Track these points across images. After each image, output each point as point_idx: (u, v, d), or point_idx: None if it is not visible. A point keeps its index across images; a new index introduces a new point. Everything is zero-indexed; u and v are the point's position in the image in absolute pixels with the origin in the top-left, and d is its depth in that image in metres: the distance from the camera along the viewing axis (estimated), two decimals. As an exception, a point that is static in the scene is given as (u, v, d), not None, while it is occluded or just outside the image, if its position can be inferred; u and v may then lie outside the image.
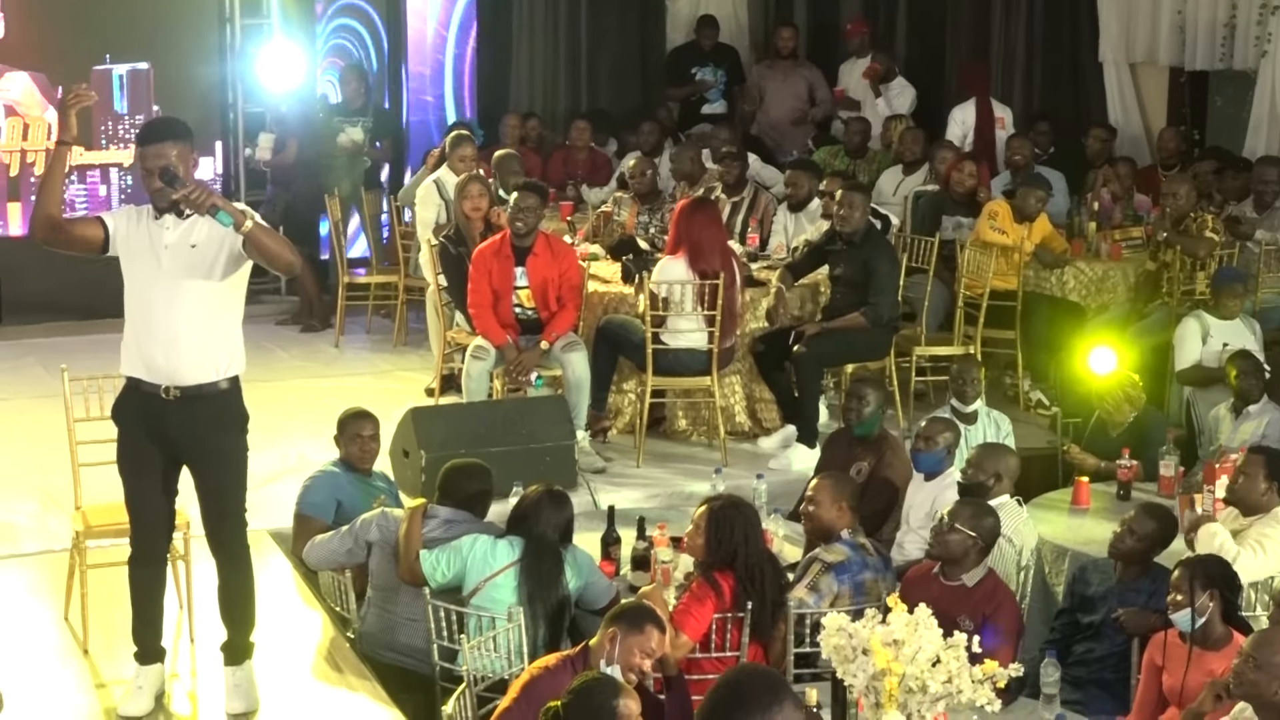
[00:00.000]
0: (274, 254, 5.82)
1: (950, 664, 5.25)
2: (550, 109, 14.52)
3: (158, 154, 5.82)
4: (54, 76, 12.58)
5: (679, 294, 8.96)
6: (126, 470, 6.18)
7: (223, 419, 6.11)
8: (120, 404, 6.18)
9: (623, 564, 7.17)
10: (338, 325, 12.04)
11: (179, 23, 12.91)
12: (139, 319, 5.99)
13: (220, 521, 6.21)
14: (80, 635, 6.78)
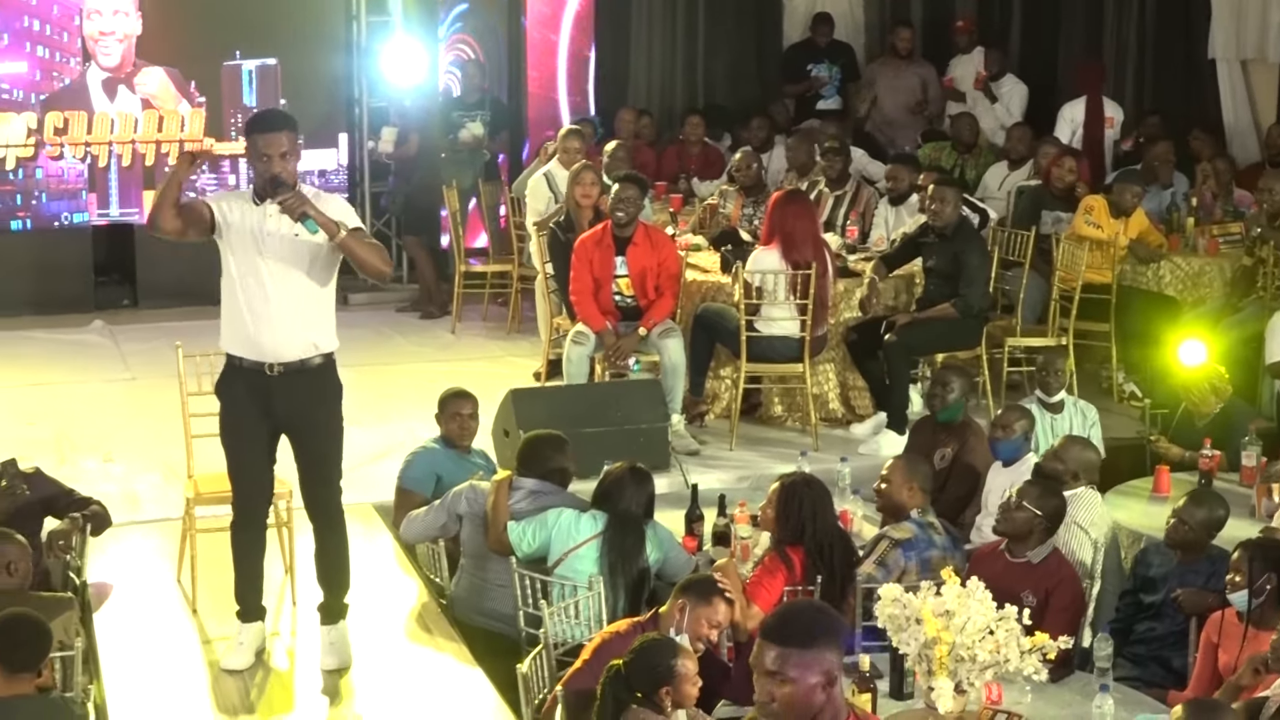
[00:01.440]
0: (363, 261, 6.28)
1: (999, 634, 5.51)
2: (667, 104, 14.84)
3: (270, 142, 6.19)
4: (187, 72, 13.23)
5: (772, 283, 9.25)
6: (229, 442, 6.57)
7: (322, 391, 6.52)
8: (223, 380, 6.57)
9: (705, 540, 7.45)
10: (454, 312, 12.46)
11: (306, 20, 13.41)
12: (241, 300, 6.34)
13: (319, 488, 6.63)
14: (190, 595, 7.22)
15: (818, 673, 3.99)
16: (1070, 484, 7.24)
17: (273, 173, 6.14)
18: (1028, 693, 5.62)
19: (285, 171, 6.18)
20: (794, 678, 3.98)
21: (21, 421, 9.66)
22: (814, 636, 4.04)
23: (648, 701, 5.26)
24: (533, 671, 5.80)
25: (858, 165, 12.18)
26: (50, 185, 13.12)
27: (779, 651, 4.01)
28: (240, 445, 6.56)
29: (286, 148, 6.20)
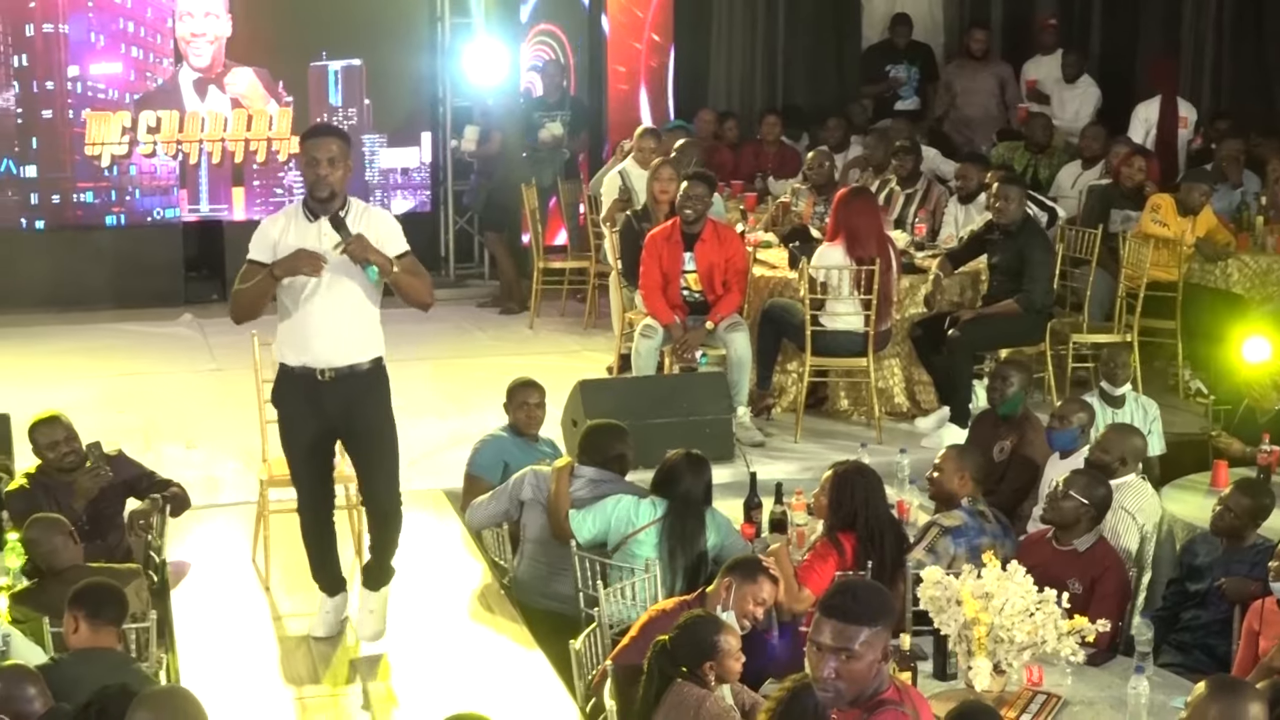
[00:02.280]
0: (409, 294, 6.56)
1: (1037, 617, 5.66)
2: (747, 105, 15.01)
3: (319, 146, 6.41)
4: (275, 71, 13.59)
5: (836, 278, 9.42)
6: (289, 445, 6.80)
7: (372, 394, 6.71)
8: (278, 388, 6.78)
9: (762, 527, 7.64)
10: (532, 308, 12.71)
11: (392, 21, 13.69)
12: (296, 312, 6.55)
13: (380, 488, 6.82)
14: (263, 574, 7.51)
15: (878, 650, 4.18)
16: (1119, 471, 7.37)
17: (319, 180, 6.36)
18: (1068, 675, 5.78)
19: (333, 181, 6.38)
20: (859, 653, 4.16)
21: (111, 409, 9.98)
22: (876, 614, 4.22)
23: (692, 676, 5.46)
24: (586, 649, 6.02)
25: (931, 165, 12.33)
26: (143, 182, 13.52)
27: (844, 629, 4.16)
28: (299, 449, 6.77)
29: (334, 154, 6.39)
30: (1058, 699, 5.69)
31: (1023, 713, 5.60)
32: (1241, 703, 4.61)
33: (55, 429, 7.30)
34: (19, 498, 7.11)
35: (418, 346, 11.92)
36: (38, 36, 13.37)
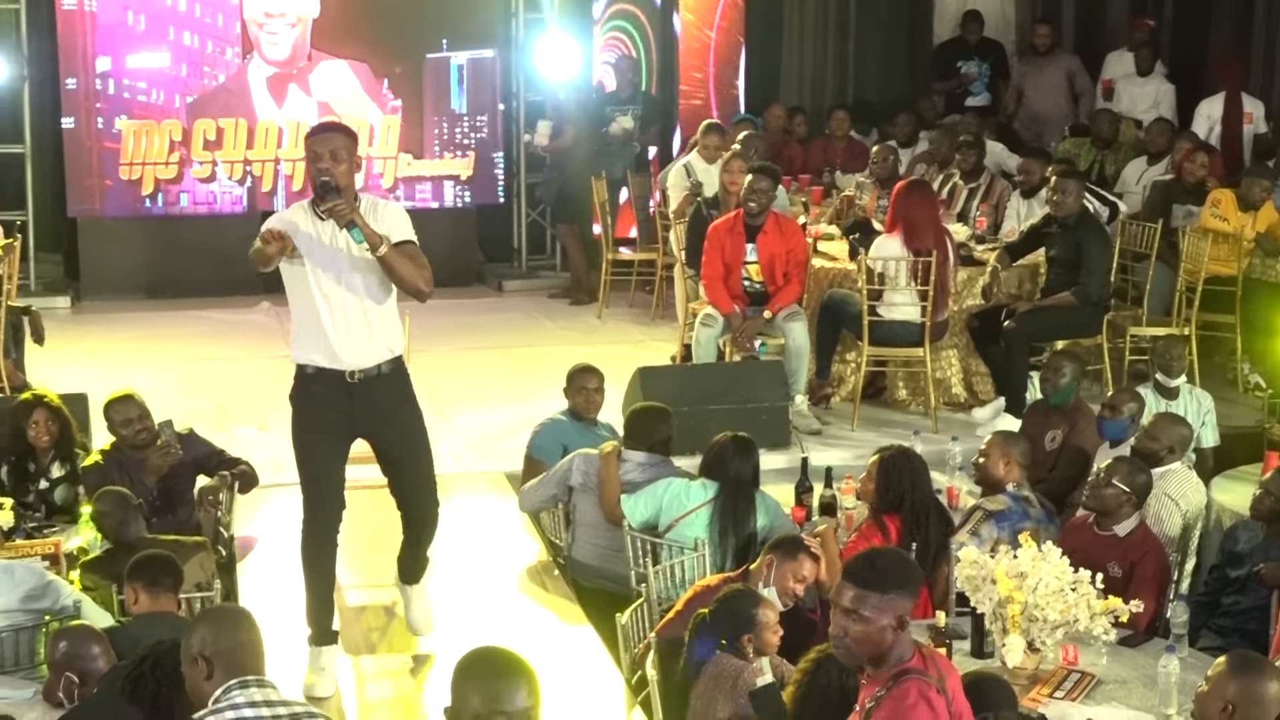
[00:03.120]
0: (401, 279, 6.27)
1: (1068, 595, 5.80)
2: (818, 100, 15.18)
3: (321, 141, 6.21)
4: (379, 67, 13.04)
5: (893, 269, 9.57)
6: (304, 450, 6.57)
7: (401, 395, 6.60)
8: (298, 390, 6.59)
9: (812, 510, 7.81)
10: (600, 298, 12.93)
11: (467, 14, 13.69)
12: (314, 312, 6.36)
13: (418, 489, 6.75)
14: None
15: (890, 616, 4.36)
16: (1166, 460, 7.48)
17: (323, 178, 6.14)
18: (1103, 655, 5.92)
19: (337, 175, 6.15)
20: (869, 618, 4.35)
21: (188, 392, 10.30)
22: (890, 583, 4.40)
23: (731, 648, 5.64)
24: (632, 623, 6.22)
25: (997, 160, 12.46)
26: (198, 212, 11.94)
27: (857, 593, 4.37)
28: (315, 453, 6.56)
29: (337, 146, 6.17)
30: (1092, 678, 5.82)
31: (1056, 690, 5.73)
32: (1261, 680, 4.75)
33: (129, 407, 7.56)
34: (94, 473, 7.37)
35: (488, 335, 12.25)
36: (60, 17, 11.93)
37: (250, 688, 4.31)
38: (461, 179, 13.49)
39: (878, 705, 4.31)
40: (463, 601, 7.33)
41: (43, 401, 7.81)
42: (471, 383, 10.89)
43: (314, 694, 6.45)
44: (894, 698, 4.29)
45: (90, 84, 12.12)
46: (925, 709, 4.28)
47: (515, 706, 3.72)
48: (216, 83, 12.35)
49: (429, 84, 13.08)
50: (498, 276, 14.22)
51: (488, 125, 13.41)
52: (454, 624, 7.10)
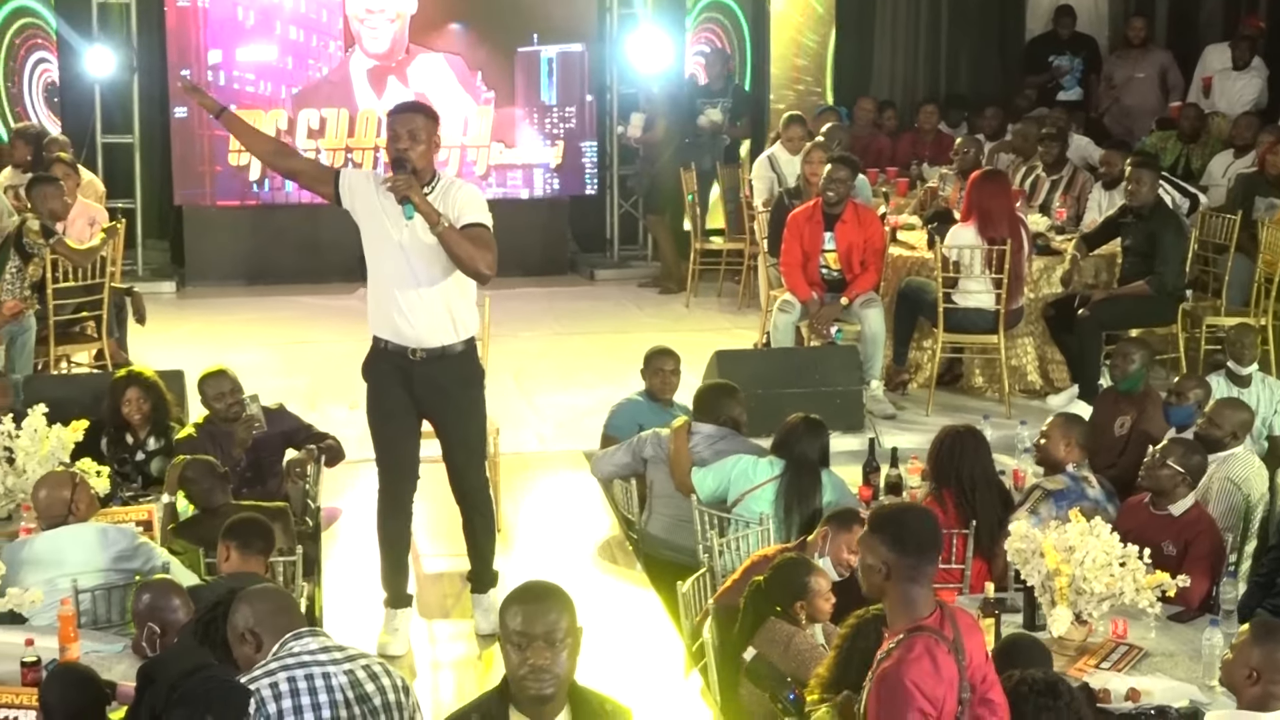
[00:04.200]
0: (459, 258, 6.33)
1: (1114, 568, 5.96)
2: (909, 93, 15.34)
3: (401, 120, 6.36)
4: (471, 60, 13.34)
5: (968, 257, 9.73)
6: (377, 422, 6.76)
7: (463, 376, 6.68)
8: (370, 362, 6.72)
9: (879, 490, 8.00)
10: (688, 287, 13.16)
11: (557, 10, 13.94)
12: (385, 288, 6.52)
13: (465, 472, 6.85)
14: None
15: (869, 556, 4.60)
16: (1229, 444, 7.59)
17: (399, 155, 6.28)
18: (1152, 629, 6.07)
19: (413, 154, 6.28)
20: (859, 553, 4.69)
21: (283, 373, 10.66)
22: (886, 531, 4.63)
23: (784, 614, 5.87)
24: (693, 592, 6.45)
25: (1082, 152, 12.56)
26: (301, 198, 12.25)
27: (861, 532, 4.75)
28: (387, 426, 6.73)
29: (416, 127, 6.30)
30: (1139, 650, 5.97)
31: (1103, 661, 5.89)
32: (1284, 647, 4.89)
33: (222, 381, 7.89)
34: (187, 445, 7.69)
35: (578, 321, 12.54)
36: (171, 12, 12.59)
37: (305, 637, 4.58)
38: (551, 167, 13.77)
39: (887, 656, 4.52)
40: (538, 571, 7.55)
41: (138, 378, 8.15)
42: (558, 367, 11.18)
43: (387, 652, 6.66)
44: (902, 648, 4.49)
45: (202, 76, 12.63)
46: (927, 663, 4.45)
47: (540, 628, 4.04)
48: (320, 75, 12.83)
49: (520, 76, 13.42)
50: (590, 266, 14.49)
51: (576, 116, 13.71)
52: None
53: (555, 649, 4.03)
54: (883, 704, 4.47)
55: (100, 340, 10.14)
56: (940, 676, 4.46)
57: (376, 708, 4.53)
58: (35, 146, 11.87)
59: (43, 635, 5.74)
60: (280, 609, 4.69)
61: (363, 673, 4.56)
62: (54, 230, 9.82)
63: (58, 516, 6.47)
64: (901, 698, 4.43)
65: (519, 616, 4.05)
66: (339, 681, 4.50)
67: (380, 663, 4.67)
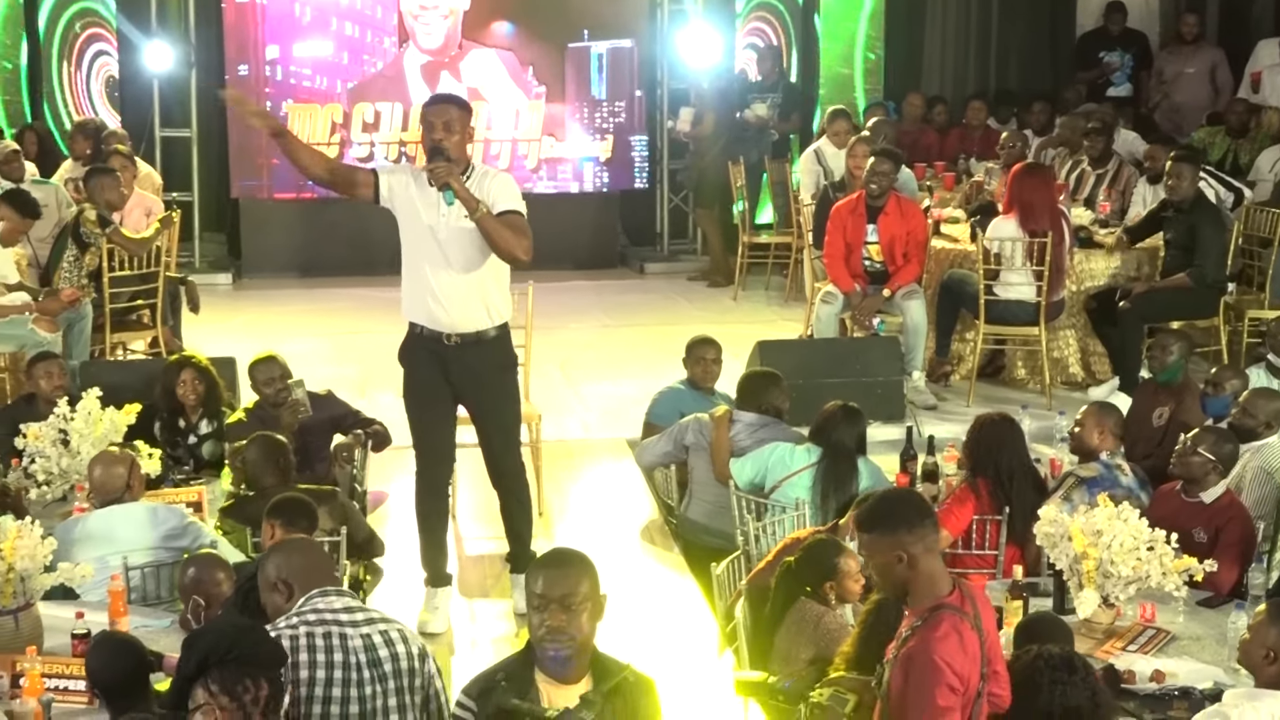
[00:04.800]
0: (496, 244, 6.56)
1: (1142, 551, 6.05)
2: (960, 89, 15.39)
3: (436, 112, 6.61)
4: (524, 55, 13.49)
5: (1009, 250, 9.82)
6: (413, 406, 7.00)
7: (498, 361, 6.92)
8: (406, 347, 6.99)
9: (916, 478, 8.09)
10: (736, 280, 13.28)
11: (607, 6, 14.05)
12: (420, 275, 6.74)
13: (502, 455, 7.08)
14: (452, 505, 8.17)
15: (889, 551, 4.65)
16: (1264, 434, 7.65)
17: (434, 145, 6.50)
18: (1180, 614, 6.15)
19: (448, 144, 6.51)
20: (872, 556, 4.73)
21: (334, 361, 10.89)
22: (880, 522, 4.72)
23: (814, 594, 5.97)
24: (727, 574, 6.57)
25: (1129, 147, 12.60)
26: None
27: (859, 536, 4.82)
28: (423, 409, 6.96)
29: (451, 118, 6.54)
30: (1167, 634, 6.04)
31: (1130, 643, 5.97)
32: (1302, 627, 4.96)
33: (271, 367, 8.06)
34: (238, 429, 7.86)
35: (626, 314, 12.69)
36: (229, 8, 12.86)
37: (330, 595, 4.69)
38: (600, 161, 13.93)
39: (913, 634, 4.61)
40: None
41: (190, 362, 8.33)
42: (605, 357, 11.34)
43: (427, 630, 6.87)
44: (926, 628, 4.57)
45: (260, 70, 12.91)
46: (954, 640, 4.54)
47: (558, 592, 4.22)
48: (375, 70, 13.07)
49: (570, 72, 13.59)
50: (640, 259, 14.63)
51: (625, 111, 13.86)
52: None
53: (572, 612, 4.19)
54: (912, 682, 4.55)
55: (155, 328, 10.35)
56: (966, 653, 4.54)
57: (386, 673, 4.60)
58: (94, 140, 12.13)
59: (93, 610, 5.88)
60: (312, 563, 4.83)
61: (379, 637, 4.65)
62: (110, 220, 10.04)
63: (113, 494, 6.65)
64: (932, 676, 4.51)
65: (540, 580, 4.23)
66: (354, 644, 4.59)
67: (400, 630, 4.74)
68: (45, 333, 9.40)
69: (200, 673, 3.89)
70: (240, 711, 3.87)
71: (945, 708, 4.50)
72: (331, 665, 4.55)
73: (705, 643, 6.82)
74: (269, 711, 3.91)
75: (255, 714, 3.88)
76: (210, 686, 3.88)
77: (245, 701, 3.88)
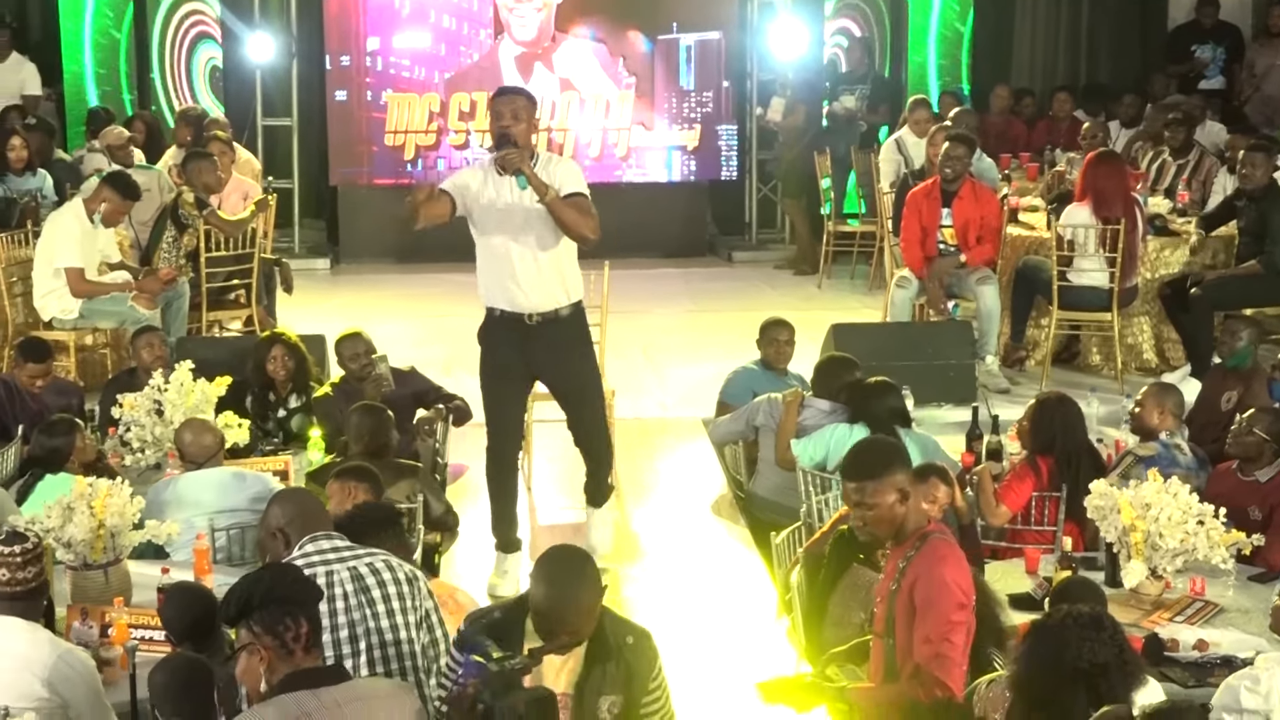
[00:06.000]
0: (566, 225, 6.94)
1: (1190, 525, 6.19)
2: (1048, 81, 15.47)
3: (505, 103, 6.98)
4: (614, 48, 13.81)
5: (1083, 236, 9.95)
6: (489, 383, 7.37)
7: (575, 335, 7.29)
8: (485, 329, 7.37)
9: (981, 456, 8.24)
10: (821, 269, 13.47)
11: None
12: (498, 259, 7.12)
13: (588, 426, 7.48)
14: (527, 476, 8.56)
15: (892, 493, 4.96)
16: (1323, 417, 7.75)
17: (502, 132, 6.87)
18: (1230, 588, 6.29)
19: (515, 132, 6.86)
20: (874, 503, 4.98)
21: (422, 342, 11.18)
22: (880, 468, 5.01)
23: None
24: (786, 544, 6.79)
25: (1215, 139, 12.66)
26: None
27: (857, 485, 5.03)
28: (498, 387, 7.33)
29: (518, 107, 6.93)
30: (1215, 606, 6.17)
31: (1177, 615, 6.11)
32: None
33: (356, 343, 8.37)
34: (324, 403, 8.19)
35: (710, 300, 12.92)
36: (331, 2, 13.34)
37: (320, 540, 4.98)
38: (688, 149, 14.17)
39: (910, 563, 4.89)
40: (652, 526, 8.09)
41: (281, 339, 8.66)
42: (687, 341, 11.57)
43: (496, 593, 7.21)
44: (924, 554, 4.90)
45: (361, 61, 13.34)
46: (953, 559, 4.92)
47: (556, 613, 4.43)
48: (471, 61, 13.47)
49: (659, 63, 13.87)
50: (729, 248, 14.84)
51: (713, 101, 14.07)
52: (642, 541, 7.90)
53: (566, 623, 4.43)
54: (923, 606, 4.87)
55: (250, 307, 10.71)
56: (963, 568, 4.94)
57: (375, 598, 4.88)
58: (196, 128, 12.54)
59: (180, 569, 6.18)
60: (307, 512, 5.14)
61: (365, 567, 4.93)
62: (207, 203, 10.41)
63: (200, 460, 6.98)
64: (943, 596, 4.87)
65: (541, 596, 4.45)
66: (340, 576, 4.88)
67: (386, 559, 5.01)
68: (144, 310, 9.80)
69: (243, 616, 4.16)
70: (283, 648, 4.13)
71: (957, 622, 4.86)
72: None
73: (765, 608, 7.04)
74: (310, 645, 4.17)
75: (297, 649, 4.14)
76: (254, 628, 4.15)
77: (287, 639, 4.13)
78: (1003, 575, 6.41)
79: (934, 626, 4.89)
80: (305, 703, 4.04)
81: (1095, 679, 4.48)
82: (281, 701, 4.05)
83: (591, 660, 4.48)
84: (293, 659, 4.12)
